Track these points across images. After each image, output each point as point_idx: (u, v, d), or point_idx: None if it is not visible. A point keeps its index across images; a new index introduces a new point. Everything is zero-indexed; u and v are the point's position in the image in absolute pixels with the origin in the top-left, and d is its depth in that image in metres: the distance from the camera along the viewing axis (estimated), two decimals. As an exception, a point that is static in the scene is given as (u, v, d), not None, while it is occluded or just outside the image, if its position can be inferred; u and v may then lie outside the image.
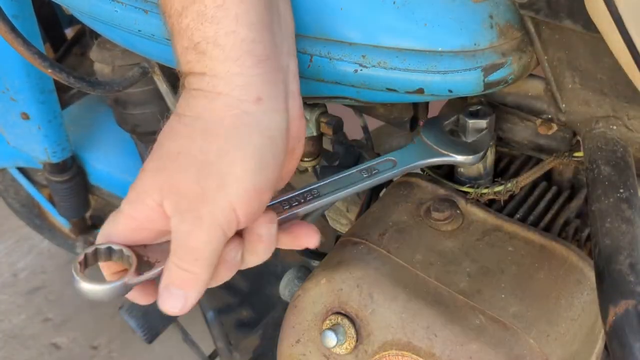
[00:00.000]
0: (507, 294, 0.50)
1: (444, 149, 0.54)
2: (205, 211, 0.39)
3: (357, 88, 0.49)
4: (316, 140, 0.67)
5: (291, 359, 0.57)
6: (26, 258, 1.80)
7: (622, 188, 0.44)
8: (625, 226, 0.41)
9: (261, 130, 0.40)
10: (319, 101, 0.61)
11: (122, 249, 0.43)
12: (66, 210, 1.33)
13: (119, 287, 0.43)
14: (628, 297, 0.37)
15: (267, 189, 0.41)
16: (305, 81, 0.49)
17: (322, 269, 0.54)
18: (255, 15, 0.39)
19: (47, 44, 1.33)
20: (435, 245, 0.54)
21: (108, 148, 1.29)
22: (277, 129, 0.41)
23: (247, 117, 0.39)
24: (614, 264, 0.39)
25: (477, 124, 0.55)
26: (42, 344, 1.55)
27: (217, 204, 0.39)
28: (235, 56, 0.38)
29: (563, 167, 0.63)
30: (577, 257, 0.53)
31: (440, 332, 0.48)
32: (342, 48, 0.46)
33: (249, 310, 1.11)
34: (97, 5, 0.56)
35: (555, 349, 0.48)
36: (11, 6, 0.88)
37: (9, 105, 1.06)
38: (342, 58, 0.47)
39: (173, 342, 1.41)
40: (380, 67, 0.46)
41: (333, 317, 0.52)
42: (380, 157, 0.54)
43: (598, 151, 0.48)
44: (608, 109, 0.50)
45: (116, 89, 0.69)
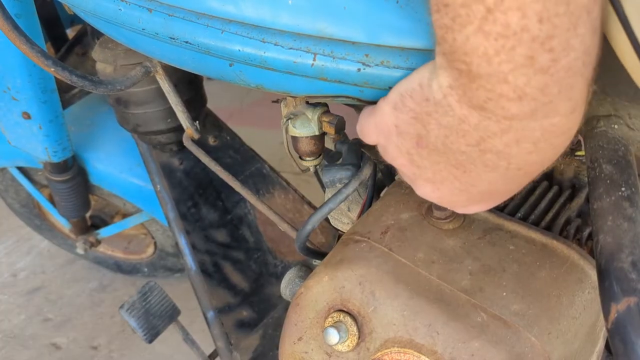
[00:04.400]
0: (509, 292, 0.50)
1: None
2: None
3: (360, 87, 0.49)
4: (318, 140, 0.67)
5: (293, 356, 0.57)
6: (26, 258, 1.80)
7: (624, 186, 0.44)
8: (626, 224, 0.42)
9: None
10: (321, 100, 0.61)
11: None
12: (66, 210, 1.33)
13: None
14: (630, 294, 0.37)
15: None
16: (308, 80, 0.49)
17: (325, 266, 0.55)
18: None
19: (49, 43, 1.34)
20: (437, 244, 0.54)
21: (109, 148, 1.30)
22: None
23: None
24: (616, 262, 0.39)
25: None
26: (42, 344, 1.55)
27: None
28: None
29: (564, 166, 0.63)
30: (578, 256, 0.54)
31: (442, 329, 0.48)
32: (345, 47, 0.46)
33: (249, 310, 1.11)
34: (101, 4, 0.56)
35: (556, 346, 0.48)
36: (14, 5, 0.88)
37: (10, 104, 1.06)
38: (345, 57, 0.47)
39: (173, 342, 1.42)
40: (383, 66, 0.46)
41: (335, 315, 0.53)
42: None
43: (599, 150, 0.48)
44: (609, 108, 0.50)
45: (118, 88, 0.69)
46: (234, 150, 1.15)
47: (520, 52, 0.32)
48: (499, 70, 0.33)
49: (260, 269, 1.15)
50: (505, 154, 0.38)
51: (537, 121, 0.36)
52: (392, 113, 0.44)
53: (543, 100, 0.34)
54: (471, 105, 0.36)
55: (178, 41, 0.51)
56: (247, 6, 0.47)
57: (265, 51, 0.47)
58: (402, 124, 0.43)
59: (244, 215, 1.16)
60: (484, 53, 0.33)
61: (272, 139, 1.82)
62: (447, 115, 0.39)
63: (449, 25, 0.33)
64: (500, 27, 0.31)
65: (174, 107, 0.80)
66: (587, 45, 0.33)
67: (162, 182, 1.09)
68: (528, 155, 0.38)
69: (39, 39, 0.96)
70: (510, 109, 0.35)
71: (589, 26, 0.32)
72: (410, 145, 0.43)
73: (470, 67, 0.34)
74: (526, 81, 0.33)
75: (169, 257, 1.54)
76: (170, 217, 1.09)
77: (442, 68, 0.37)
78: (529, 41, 0.32)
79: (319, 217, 0.62)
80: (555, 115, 0.36)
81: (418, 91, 0.41)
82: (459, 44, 0.33)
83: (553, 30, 0.31)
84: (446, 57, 0.36)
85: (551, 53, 0.32)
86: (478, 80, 0.34)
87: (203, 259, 1.09)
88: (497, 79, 0.34)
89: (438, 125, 0.40)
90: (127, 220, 1.44)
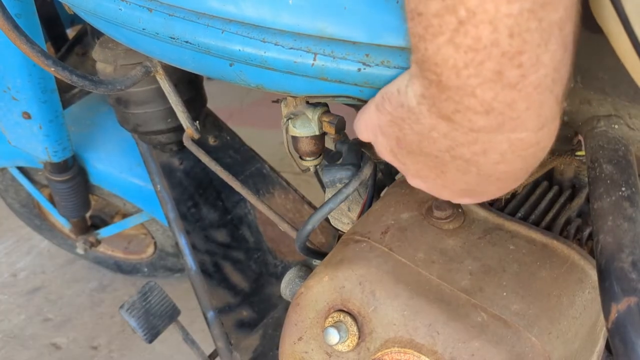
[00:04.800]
0: (509, 292, 0.50)
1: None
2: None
3: (361, 87, 0.49)
4: (318, 140, 0.67)
5: (293, 356, 0.57)
6: (26, 258, 1.80)
7: (624, 186, 0.44)
8: (627, 224, 0.41)
9: None
10: (321, 100, 0.61)
11: None
12: (66, 210, 1.33)
13: None
14: (630, 294, 0.37)
15: None
16: (308, 80, 0.49)
17: (325, 266, 0.55)
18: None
19: (49, 43, 1.34)
20: (437, 244, 0.54)
21: (109, 148, 1.30)
22: None
23: None
24: (616, 262, 0.39)
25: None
26: (42, 344, 1.55)
27: None
28: None
29: (564, 166, 0.63)
30: (579, 256, 0.54)
31: (442, 329, 0.48)
32: (345, 47, 0.46)
33: (249, 310, 1.11)
34: (101, 4, 0.56)
35: (556, 346, 0.48)
36: (14, 5, 0.88)
37: (10, 104, 1.06)
38: (345, 57, 0.47)
39: (173, 342, 1.42)
40: (383, 66, 0.46)
41: (335, 315, 0.52)
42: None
43: (600, 150, 0.48)
44: (610, 108, 0.50)
45: (119, 87, 0.69)
46: (234, 150, 1.15)
47: (489, 66, 0.32)
48: (467, 83, 0.33)
49: (260, 269, 1.15)
50: (473, 161, 0.39)
51: (504, 134, 0.36)
52: (375, 113, 0.45)
53: (510, 115, 0.34)
54: (440, 115, 0.37)
55: (178, 41, 0.51)
56: (247, 6, 0.47)
57: (266, 51, 0.47)
58: (383, 125, 0.44)
59: (244, 215, 1.16)
60: (453, 65, 0.33)
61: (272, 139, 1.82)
62: (418, 123, 0.39)
63: (421, 35, 0.33)
64: (470, 40, 0.31)
65: (174, 107, 0.80)
66: (557, 62, 0.33)
67: (162, 182, 1.09)
68: (496, 165, 0.39)
69: (39, 38, 0.96)
70: (477, 121, 0.35)
71: (560, 42, 0.32)
72: (393, 144, 0.45)
73: (440, 78, 0.34)
74: (493, 96, 0.33)
75: (169, 257, 1.54)
76: (170, 217, 1.09)
77: (415, 76, 0.37)
78: (498, 56, 0.31)
79: (319, 217, 0.62)
80: (522, 131, 0.36)
81: (395, 96, 0.41)
82: (430, 54, 0.34)
83: (523, 46, 0.31)
84: (419, 66, 0.36)
85: (520, 69, 0.32)
86: (447, 92, 0.35)
87: (203, 259, 1.09)
88: (464, 92, 0.34)
89: (411, 130, 0.41)
90: (127, 220, 1.44)
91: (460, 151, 0.38)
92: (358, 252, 0.54)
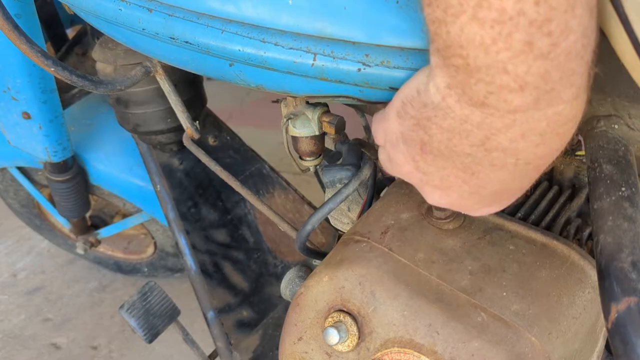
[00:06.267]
0: (509, 292, 0.50)
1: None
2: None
3: (360, 87, 0.49)
4: (318, 140, 0.67)
5: (293, 356, 0.57)
6: (26, 258, 1.81)
7: (624, 186, 0.44)
8: (627, 224, 0.41)
9: None
10: (321, 100, 0.61)
11: None
12: (66, 210, 1.33)
13: None
14: (630, 294, 0.37)
15: None
16: (308, 80, 0.49)
17: (325, 266, 0.55)
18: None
19: (49, 43, 1.34)
20: (437, 244, 0.54)
21: (109, 148, 1.30)
22: None
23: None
24: (616, 262, 0.39)
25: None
26: (42, 344, 1.55)
27: None
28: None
29: (564, 166, 0.63)
30: (579, 256, 0.54)
31: (442, 329, 0.48)
32: (345, 47, 0.46)
33: (249, 310, 1.12)
34: (101, 4, 0.56)
35: (556, 346, 0.48)
36: (14, 5, 0.88)
37: (10, 104, 1.06)
38: (345, 57, 0.47)
39: (173, 342, 1.42)
40: (383, 66, 0.46)
41: (335, 315, 0.52)
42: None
43: (600, 150, 0.48)
44: (609, 108, 0.50)
45: (119, 87, 0.69)
46: (234, 150, 1.15)
47: (518, 37, 0.31)
48: (498, 59, 0.32)
49: (260, 269, 1.15)
50: (512, 150, 0.37)
51: (541, 111, 0.35)
52: (396, 120, 0.43)
53: (545, 87, 0.33)
54: (472, 103, 0.35)
55: (178, 41, 0.51)
56: (247, 6, 0.47)
57: (266, 51, 0.47)
58: (405, 131, 0.42)
59: (244, 215, 1.16)
60: (480, 43, 0.32)
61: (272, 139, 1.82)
62: (447, 118, 0.38)
63: (441, 18, 0.32)
64: (495, 13, 0.30)
65: (174, 107, 0.80)
66: (585, 27, 0.32)
67: (162, 182, 1.09)
68: (536, 148, 0.37)
69: (39, 39, 0.96)
70: (512, 101, 0.34)
71: (586, 6, 0.31)
72: (415, 152, 0.43)
73: (467, 61, 0.33)
74: (526, 69, 0.32)
75: (169, 257, 1.54)
76: (170, 217, 1.09)
77: (438, 67, 0.36)
78: (527, 25, 0.30)
79: (319, 217, 0.62)
80: (559, 103, 0.34)
81: (416, 97, 0.40)
82: (454, 36, 0.32)
83: (550, 13, 0.30)
84: (441, 54, 0.35)
85: (550, 37, 0.31)
86: (477, 74, 0.33)
87: (203, 259, 1.09)
88: (496, 70, 0.33)
89: (440, 129, 0.39)
90: (127, 220, 1.44)
91: (497, 140, 0.37)
92: (358, 252, 0.54)
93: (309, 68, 0.48)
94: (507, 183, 0.41)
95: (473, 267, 0.52)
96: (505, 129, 0.36)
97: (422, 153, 0.42)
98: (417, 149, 0.42)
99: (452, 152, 0.40)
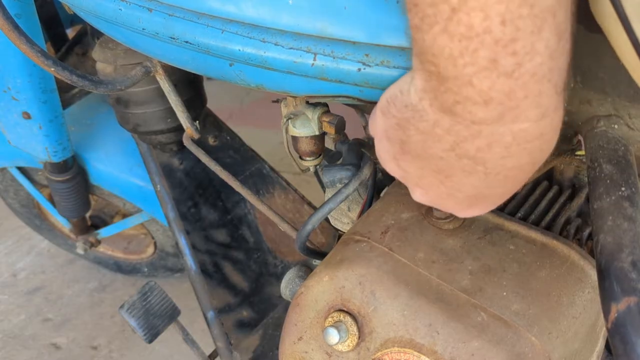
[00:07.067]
0: (509, 291, 0.50)
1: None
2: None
3: (360, 87, 0.49)
4: (318, 140, 0.67)
5: (293, 356, 0.57)
6: (26, 258, 1.81)
7: (624, 186, 0.44)
8: (627, 224, 0.41)
9: None
10: (321, 100, 0.61)
11: None
12: (66, 210, 1.33)
13: None
14: (630, 294, 0.37)
15: None
16: (308, 80, 0.49)
17: (325, 266, 0.55)
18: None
19: (49, 43, 1.34)
20: (437, 244, 0.54)
21: (109, 148, 1.30)
22: None
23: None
24: (616, 262, 0.39)
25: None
26: (42, 344, 1.55)
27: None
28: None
29: (564, 166, 0.63)
30: (579, 256, 0.54)
31: (442, 329, 0.48)
32: (345, 47, 0.46)
33: (249, 310, 1.12)
34: (101, 4, 0.56)
35: (556, 346, 0.48)
36: (14, 5, 0.88)
37: (10, 104, 1.06)
38: (345, 57, 0.47)
39: (173, 342, 1.42)
40: (383, 66, 0.46)
41: (335, 315, 0.53)
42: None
43: (600, 150, 0.48)
44: (609, 108, 0.50)
45: (119, 87, 0.69)
46: (234, 150, 1.15)
47: (483, 54, 0.32)
48: (464, 72, 0.33)
49: (260, 269, 1.15)
50: (479, 158, 0.38)
51: (506, 126, 0.36)
52: (381, 118, 0.44)
53: (509, 104, 0.34)
54: (442, 109, 0.37)
55: (178, 41, 0.51)
56: (247, 6, 0.47)
57: (266, 51, 0.47)
58: (389, 129, 0.44)
59: (244, 215, 1.16)
60: (449, 55, 0.33)
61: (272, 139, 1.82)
62: (422, 120, 0.39)
63: (418, 26, 0.33)
64: (463, 28, 0.31)
65: (174, 107, 0.80)
66: (552, 50, 0.33)
67: (162, 182, 1.09)
68: (502, 160, 0.38)
69: (39, 39, 0.96)
70: (477, 113, 0.35)
71: (554, 30, 0.32)
72: (396, 151, 0.44)
73: (438, 69, 0.34)
74: (490, 85, 0.33)
75: (169, 257, 1.54)
76: (170, 217, 1.09)
77: (416, 70, 0.37)
78: (492, 44, 0.31)
79: (319, 217, 0.62)
80: (524, 121, 0.35)
81: (399, 97, 0.41)
82: (428, 44, 0.33)
83: (516, 33, 0.31)
84: (418, 59, 0.36)
85: (515, 57, 0.32)
86: (445, 83, 0.34)
87: (203, 259, 1.09)
88: (462, 82, 0.34)
89: (416, 131, 0.40)
90: (127, 220, 1.44)
91: (465, 147, 0.38)
92: (358, 252, 0.54)
93: (309, 68, 0.48)
94: (480, 189, 0.42)
95: (473, 267, 0.52)
96: (472, 138, 0.37)
97: (401, 152, 0.43)
98: (398, 148, 0.43)
99: (426, 154, 0.41)
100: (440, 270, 0.51)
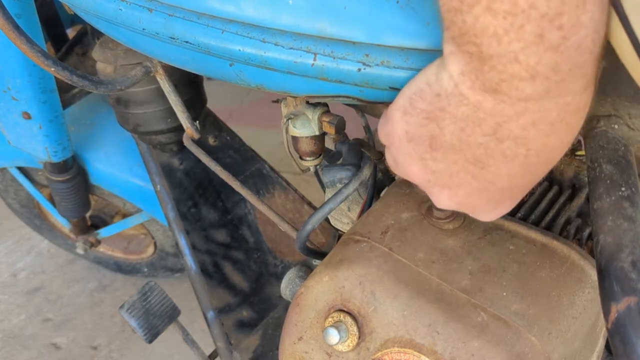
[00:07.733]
0: (509, 292, 0.50)
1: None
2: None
3: (360, 87, 0.49)
4: (318, 140, 0.67)
5: (293, 356, 0.57)
6: (26, 258, 1.81)
7: (624, 186, 0.44)
8: (627, 224, 0.41)
9: None
10: (321, 100, 0.61)
11: None
12: (66, 210, 1.33)
13: None
14: (630, 294, 0.37)
15: None
16: (308, 80, 0.49)
17: (325, 266, 0.55)
18: None
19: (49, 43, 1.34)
20: (437, 244, 0.54)
21: (109, 148, 1.30)
22: None
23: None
24: (616, 262, 0.39)
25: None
26: (42, 344, 1.55)
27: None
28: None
29: (564, 166, 0.63)
30: (579, 256, 0.54)
31: (442, 329, 0.48)
32: (345, 47, 0.46)
33: (249, 310, 1.12)
34: (101, 4, 0.56)
35: (556, 346, 0.48)
36: (14, 5, 0.88)
37: (10, 104, 1.06)
38: (345, 57, 0.47)
39: (173, 342, 1.42)
40: (383, 66, 0.46)
41: (335, 315, 0.53)
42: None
43: (600, 150, 0.48)
44: (609, 108, 0.50)
45: (119, 87, 0.69)
46: (234, 150, 1.16)
47: (530, 30, 0.32)
48: (510, 49, 0.33)
49: (260, 269, 1.15)
50: (523, 139, 0.38)
51: (552, 100, 0.35)
52: (401, 119, 0.43)
53: (555, 78, 0.34)
54: (485, 89, 0.36)
55: (178, 41, 0.51)
56: (247, 6, 0.47)
57: (266, 51, 0.47)
58: (413, 128, 0.43)
59: (244, 215, 1.16)
60: (493, 33, 0.33)
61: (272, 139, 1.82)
62: (461, 105, 0.38)
63: (457, 7, 0.33)
64: (508, 5, 0.31)
65: (174, 107, 0.80)
66: (596, 22, 0.33)
67: (162, 182, 1.09)
68: (546, 138, 0.38)
69: (39, 39, 0.96)
70: (524, 89, 0.35)
71: (597, 2, 0.32)
72: (423, 150, 0.43)
73: (480, 49, 0.34)
74: (537, 60, 0.33)
75: (169, 257, 1.54)
76: (170, 217, 1.09)
77: (452, 54, 0.37)
78: (538, 18, 0.31)
79: (319, 217, 0.62)
80: (568, 94, 0.35)
81: (427, 90, 0.40)
82: (469, 25, 0.33)
83: (562, 7, 0.31)
84: (456, 42, 0.36)
85: (561, 30, 0.32)
86: (489, 62, 0.34)
87: (203, 259, 1.09)
88: (508, 59, 0.34)
89: (453, 118, 0.39)
90: (127, 220, 1.44)
91: (509, 128, 0.37)
92: (358, 252, 0.54)
93: (309, 68, 0.48)
94: (516, 178, 0.41)
95: (473, 267, 0.52)
96: (517, 116, 0.37)
97: (431, 150, 0.42)
98: (426, 146, 0.42)
99: (463, 143, 0.40)
100: (440, 271, 0.51)
